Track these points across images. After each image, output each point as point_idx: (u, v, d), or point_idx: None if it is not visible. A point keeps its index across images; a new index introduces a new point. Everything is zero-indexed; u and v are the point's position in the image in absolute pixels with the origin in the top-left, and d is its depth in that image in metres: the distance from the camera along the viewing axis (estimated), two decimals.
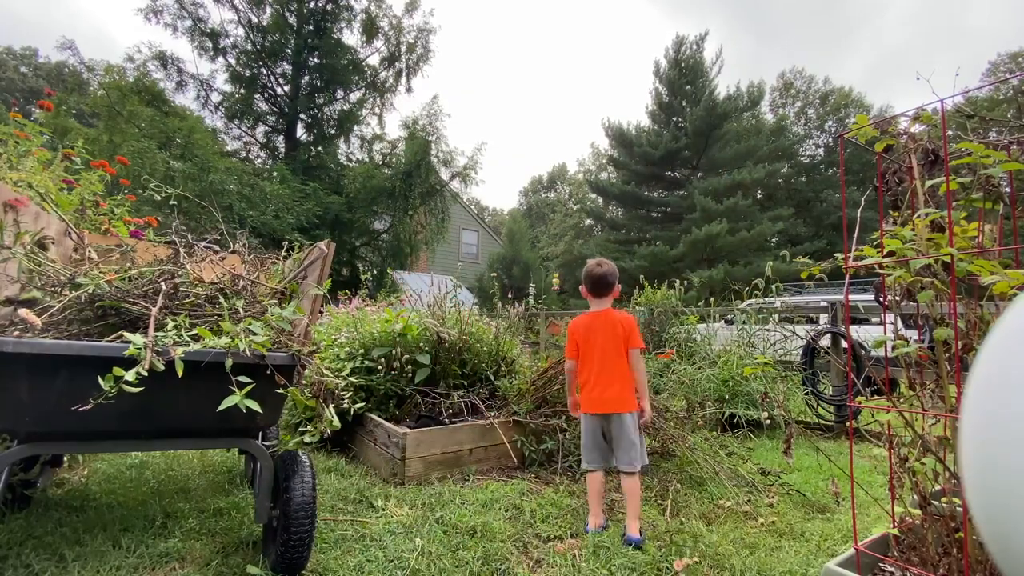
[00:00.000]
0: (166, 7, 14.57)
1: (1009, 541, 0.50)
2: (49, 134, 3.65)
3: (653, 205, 26.27)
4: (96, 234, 2.73)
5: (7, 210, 1.80)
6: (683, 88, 24.97)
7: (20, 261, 1.72)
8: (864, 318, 7.61)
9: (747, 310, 5.69)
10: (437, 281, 4.76)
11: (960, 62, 31.48)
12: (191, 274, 1.97)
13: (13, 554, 1.78)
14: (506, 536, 2.18)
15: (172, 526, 2.09)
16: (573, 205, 46.90)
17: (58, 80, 30.67)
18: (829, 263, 1.79)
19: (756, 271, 18.34)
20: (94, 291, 1.67)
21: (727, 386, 4.43)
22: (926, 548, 1.41)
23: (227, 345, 1.59)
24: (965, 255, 1.33)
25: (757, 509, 2.65)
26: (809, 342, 4.95)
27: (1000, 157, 1.34)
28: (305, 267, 2.11)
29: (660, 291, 7.16)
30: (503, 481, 2.91)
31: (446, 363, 3.61)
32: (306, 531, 1.70)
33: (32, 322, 1.48)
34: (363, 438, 3.27)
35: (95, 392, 1.38)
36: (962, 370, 1.30)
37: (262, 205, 12.39)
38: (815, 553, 2.16)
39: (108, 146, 11.25)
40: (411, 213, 15.69)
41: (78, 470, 2.77)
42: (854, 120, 1.55)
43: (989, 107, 23.55)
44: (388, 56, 16.84)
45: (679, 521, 2.48)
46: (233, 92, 15.87)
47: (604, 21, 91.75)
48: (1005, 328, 0.57)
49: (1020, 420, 0.50)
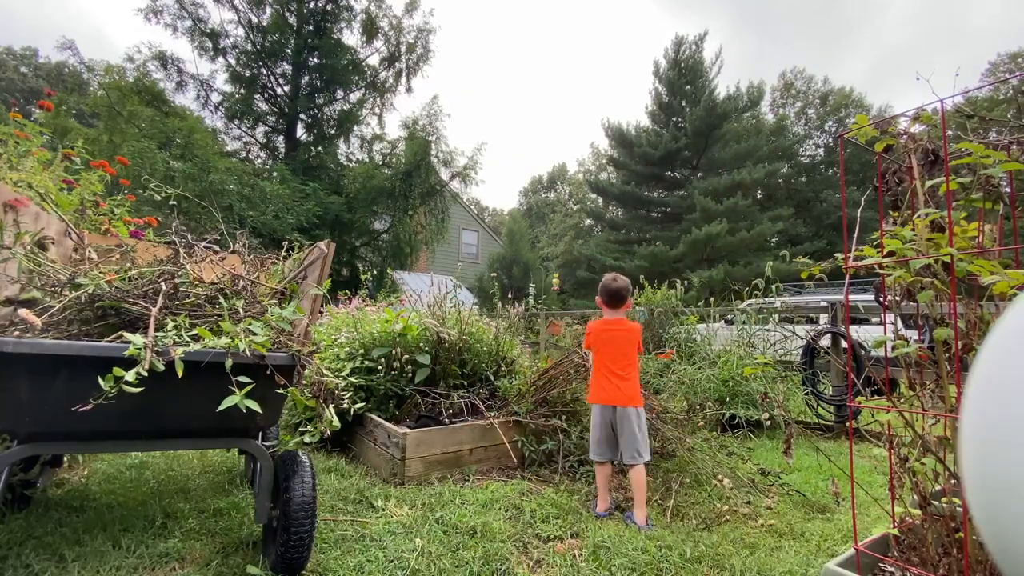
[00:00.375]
0: (166, 7, 14.58)
1: (1009, 541, 0.50)
2: (49, 134, 3.65)
3: (653, 205, 26.26)
4: (96, 234, 2.73)
5: (7, 210, 1.80)
6: (683, 88, 24.96)
7: (20, 261, 1.72)
8: (864, 318, 7.61)
9: (747, 310, 5.69)
10: (437, 281, 4.76)
11: (960, 62, 31.44)
12: (191, 274, 1.97)
13: (13, 554, 1.78)
14: (506, 536, 2.18)
15: (172, 526, 2.09)
16: (573, 205, 46.92)
17: (58, 80, 30.68)
18: (829, 263, 1.79)
19: (756, 271, 18.34)
20: (94, 291, 1.67)
21: (727, 386, 4.43)
22: (926, 548, 1.41)
23: (227, 345, 1.59)
24: (965, 255, 1.33)
25: (757, 509, 2.66)
26: (809, 342, 4.95)
27: (1000, 157, 1.34)
28: (305, 267, 2.11)
29: (660, 291, 7.16)
30: (503, 481, 2.91)
31: (446, 363, 3.61)
32: (306, 531, 1.70)
33: (32, 322, 1.48)
34: (363, 438, 3.26)
35: (95, 392, 1.38)
36: (962, 370, 1.30)
37: (262, 205, 12.38)
38: (815, 553, 2.16)
39: (108, 146, 11.25)
40: (411, 213, 15.69)
41: (78, 470, 2.77)
42: (854, 120, 1.55)
43: (989, 107, 23.55)
44: (388, 56, 16.84)
45: (680, 521, 2.48)
46: (233, 92, 15.87)
47: (604, 21, 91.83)
48: (1005, 328, 0.57)
49: (1020, 420, 0.50)
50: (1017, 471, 0.49)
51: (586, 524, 2.36)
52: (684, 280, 9.05)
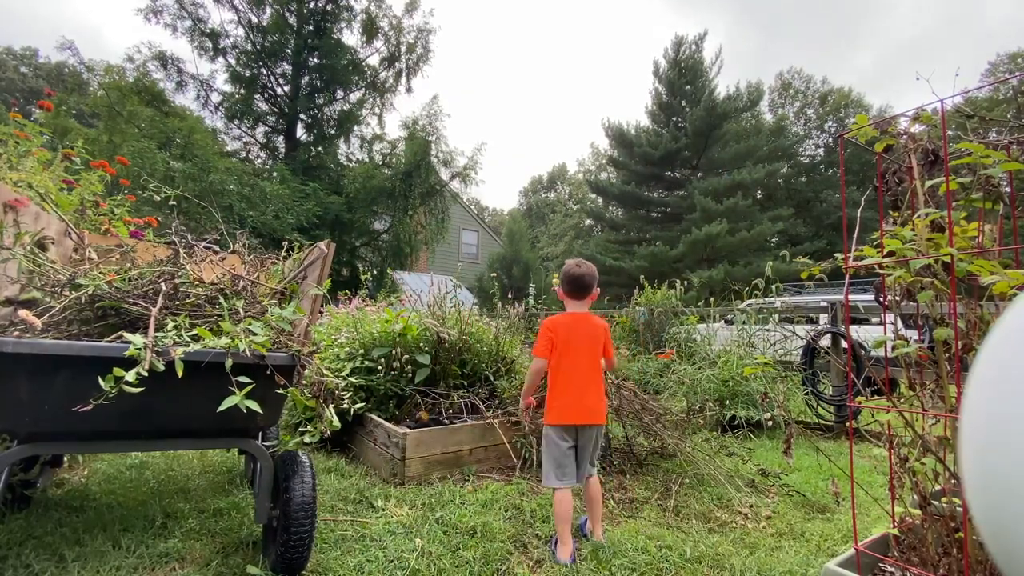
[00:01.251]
0: (166, 7, 14.59)
1: (1009, 541, 0.50)
2: (49, 134, 3.65)
3: (653, 205, 26.26)
4: (96, 234, 2.73)
5: (7, 211, 1.80)
6: (683, 88, 24.96)
7: (20, 262, 1.72)
8: (864, 318, 7.61)
9: (747, 310, 5.69)
10: (437, 281, 4.76)
11: (960, 62, 31.35)
12: (191, 275, 1.97)
13: (13, 554, 1.78)
14: (506, 536, 2.18)
15: (172, 526, 2.09)
16: (573, 205, 46.92)
17: (58, 80, 30.67)
18: (829, 263, 1.79)
19: (756, 271, 18.33)
20: (94, 291, 1.67)
21: (727, 386, 4.43)
22: (926, 548, 1.41)
23: (227, 345, 1.59)
24: (965, 255, 1.33)
25: (757, 509, 2.66)
26: (809, 342, 4.95)
27: (1000, 157, 1.34)
28: (305, 267, 2.11)
29: (660, 291, 7.16)
30: (503, 481, 2.91)
31: (446, 363, 3.61)
32: (306, 531, 1.70)
33: (32, 323, 1.48)
34: (363, 438, 3.26)
35: (95, 392, 1.38)
36: (962, 370, 1.30)
37: (262, 205, 12.39)
38: (815, 553, 2.16)
39: (108, 146, 11.25)
40: (411, 213, 15.70)
41: (78, 470, 2.77)
42: (854, 120, 1.55)
43: (989, 107, 23.55)
44: (388, 56, 16.84)
45: (680, 521, 2.47)
46: (233, 92, 15.87)
47: (604, 21, 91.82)
48: (1005, 328, 0.57)
49: (1020, 420, 0.50)
50: (1017, 471, 0.49)
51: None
52: (684, 280, 9.05)
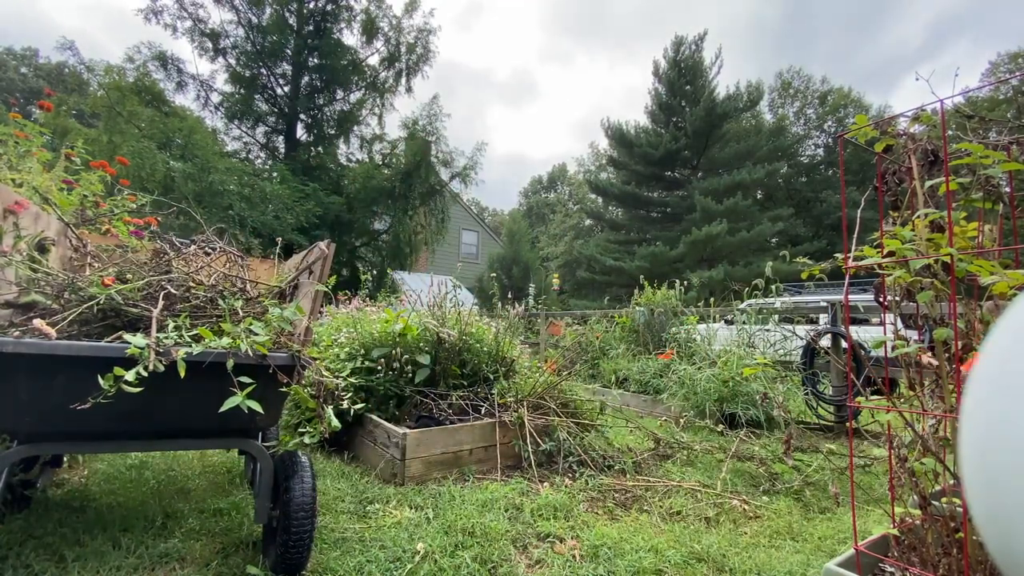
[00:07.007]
0: (166, 7, 14.55)
1: (1009, 541, 0.50)
2: (49, 134, 3.65)
3: (653, 205, 26.26)
4: (96, 234, 2.73)
5: (7, 216, 1.80)
6: (683, 88, 24.96)
7: (16, 268, 1.72)
8: (864, 318, 7.61)
9: (747, 310, 5.69)
10: (437, 281, 4.76)
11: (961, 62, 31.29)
12: (191, 275, 1.97)
13: (13, 554, 1.78)
14: (506, 536, 2.18)
15: (172, 526, 2.09)
16: (573, 205, 46.91)
17: (58, 80, 30.68)
18: (829, 263, 1.79)
19: (756, 271, 18.32)
20: (104, 302, 1.67)
21: (727, 386, 4.43)
22: (926, 548, 1.41)
23: (228, 346, 1.59)
24: (965, 255, 1.33)
25: (757, 509, 2.65)
26: (809, 342, 4.95)
27: (1000, 157, 1.34)
28: (305, 267, 2.11)
29: (660, 291, 7.14)
30: (503, 481, 2.91)
31: (446, 363, 3.61)
32: (306, 531, 1.70)
33: (47, 333, 1.46)
34: (363, 439, 3.26)
35: (95, 393, 1.38)
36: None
37: (262, 205, 12.37)
38: (815, 553, 2.16)
39: (108, 146, 11.23)
40: (411, 213, 15.68)
41: (78, 470, 2.77)
42: (853, 120, 1.55)
43: (989, 107, 23.56)
44: (388, 56, 16.82)
45: (680, 521, 2.47)
46: (233, 92, 15.85)
47: (604, 20, 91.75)
48: (1005, 328, 0.57)
49: (1020, 420, 0.50)
50: (1017, 471, 0.49)
51: (585, 524, 2.36)
52: (684, 280, 9.03)
